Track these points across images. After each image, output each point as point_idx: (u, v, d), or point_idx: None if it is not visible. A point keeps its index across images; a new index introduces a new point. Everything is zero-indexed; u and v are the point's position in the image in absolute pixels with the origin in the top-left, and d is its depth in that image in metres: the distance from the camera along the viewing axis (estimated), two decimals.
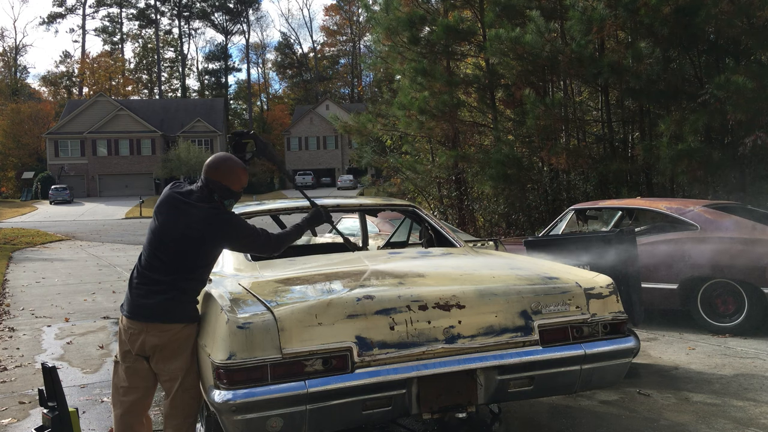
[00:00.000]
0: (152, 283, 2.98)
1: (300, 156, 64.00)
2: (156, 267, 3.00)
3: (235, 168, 3.11)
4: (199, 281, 3.08)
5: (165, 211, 3.04)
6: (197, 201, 3.02)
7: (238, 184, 3.11)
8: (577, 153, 11.80)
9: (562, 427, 3.98)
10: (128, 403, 3.08)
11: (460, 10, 13.93)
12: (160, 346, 2.98)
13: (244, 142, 3.34)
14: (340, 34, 79.94)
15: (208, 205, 3.01)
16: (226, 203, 3.09)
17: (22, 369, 5.93)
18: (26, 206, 46.98)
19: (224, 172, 3.08)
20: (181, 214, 2.99)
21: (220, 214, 3.01)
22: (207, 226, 2.96)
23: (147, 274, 3.01)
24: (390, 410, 2.96)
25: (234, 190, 3.10)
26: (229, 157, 3.15)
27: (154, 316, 2.96)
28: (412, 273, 3.52)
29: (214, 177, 3.07)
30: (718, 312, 6.31)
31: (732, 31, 9.77)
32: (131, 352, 3.04)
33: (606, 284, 3.37)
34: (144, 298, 2.99)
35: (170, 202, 3.05)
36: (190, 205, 3.00)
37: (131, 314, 3.01)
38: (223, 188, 3.07)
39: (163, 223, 3.02)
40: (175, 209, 3.02)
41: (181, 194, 3.05)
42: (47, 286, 11.46)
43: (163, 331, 2.96)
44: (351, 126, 16.30)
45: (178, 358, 3.00)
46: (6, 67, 74.21)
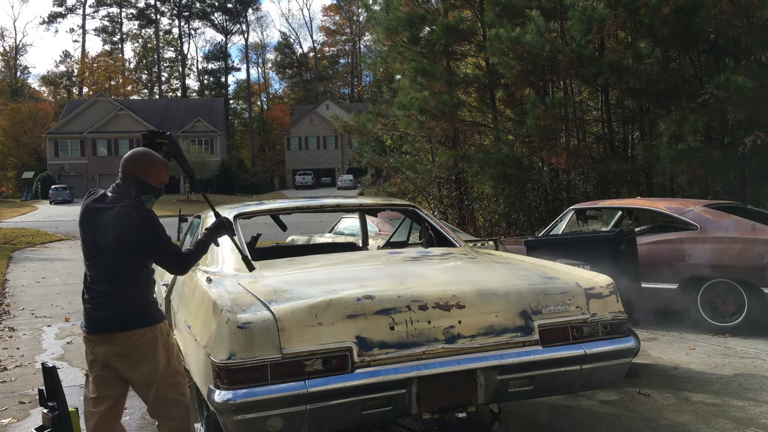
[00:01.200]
0: (100, 296, 2.94)
1: (300, 156, 63.99)
2: (97, 279, 2.95)
3: (154, 162, 3.02)
4: (144, 283, 3.00)
5: (84, 224, 2.98)
6: (110, 202, 2.93)
7: (157, 178, 3.01)
8: (577, 153, 11.80)
9: (562, 427, 3.98)
10: (99, 414, 3.02)
11: (460, 10, 13.93)
12: (124, 354, 2.92)
13: (158, 142, 3.23)
14: (339, 33, 79.94)
15: (122, 202, 2.91)
16: (143, 199, 3.00)
17: (22, 369, 5.93)
18: (26, 206, 46.98)
19: (142, 165, 3.00)
20: (99, 221, 2.91)
21: (136, 209, 2.90)
22: (122, 221, 2.85)
23: (93, 288, 2.96)
24: (390, 410, 2.96)
25: (152, 184, 3.00)
26: (148, 152, 3.06)
27: (110, 327, 2.91)
28: (412, 273, 3.53)
29: (131, 171, 2.99)
30: (718, 312, 6.31)
31: (732, 31, 9.77)
32: (97, 362, 2.99)
33: (606, 284, 3.37)
34: (97, 311, 2.94)
35: (86, 213, 2.98)
36: (103, 210, 2.92)
37: (89, 329, 2.98)
38: (140, 182, 2.98)
39: (86, 235, 2.97)
40: (92, 219, 2.95)
41: (95, 201, 2.98)
42: (47, 285, 11.46)
43: (123, 340, 2.91)
44: (351, 126, 16.30)
45: (146, 363, 2.94)
46: (6, 67, 74.23)
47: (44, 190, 52.36)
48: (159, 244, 2.91)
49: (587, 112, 13.75)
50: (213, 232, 3.20)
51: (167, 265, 3.02)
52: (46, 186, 52.70)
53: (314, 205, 4.72)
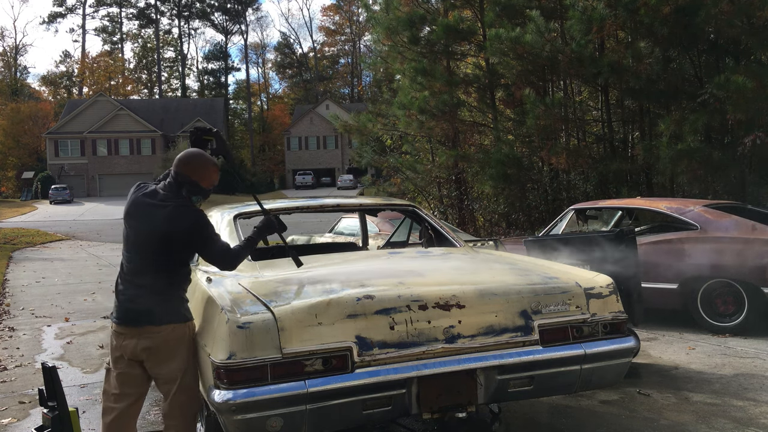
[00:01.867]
0: (135, 288, 2.98)
1: (300, 156, 63.99)
2: (135, 271, 2.99)
3: (207, 164, 3.07)
4: (180, 280, 3.05)
5: (133, 215, 3.02)
6: (162, 200, 2.98)
7: (208, 180, 3.07)
8: (577, 153, 11.80)
9: (562, 426, 3.98)
10: (118, 410, 3.04)
11: (460, 9, 13.93)
12: (153, 349, 2.96)
13: (205, 139, 3.27)
14: (339, 33, 79.93)
15: (174, 202, 2.97)
16: (194, 200, 3.04)
17: (22, 369, 5.93)
18: (26, 206, 46.98)
19: (195, 166, 3.04)
20: (149, 216, 2.96)
21: (186, 211, 2.96)
22: (171, 222, 2.91)
23: (129, 279, 3.00)
24: (390, 410, 2.96)
25: (203, 186, 3.06)
26: (201, 154, 3.11)
27: (143, 320, 2.95)
28: (412, 273, 3.53)
29: (184, 171, 3.03)
30: (718, 312, 6.31)
31: (732, 31, 9.76)
32: (123, 358, 3.02)
33: (606, 284, 3.37)
34: (131, 303, 2.98)
35: (136, 205, 3.02)
36: (155, 206, 2.97)
37: (120, 320, 3.01)
38: (192, 183, 3.02)
39: (133, 228, 3.00)
40: (141, 213, 2.99)
41: (146, 196, 3.03)
42: (47, 285, 11.46)
43: (154, 333, 2.95)
44: (351, 125, 16.31)
45: (173, 360, 2.98)
46: (6, 67, 74.21)
47: (44, 190, 52.35)
48: (210, 242, 3.01)
49: (587, 112, 13.75)
50: (262, 231, 3.32)
51: (217, 261, 3.10)
52: (46, 186, 52.68)
53: (314, 205, 4.72)
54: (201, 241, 3.00)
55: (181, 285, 3.06)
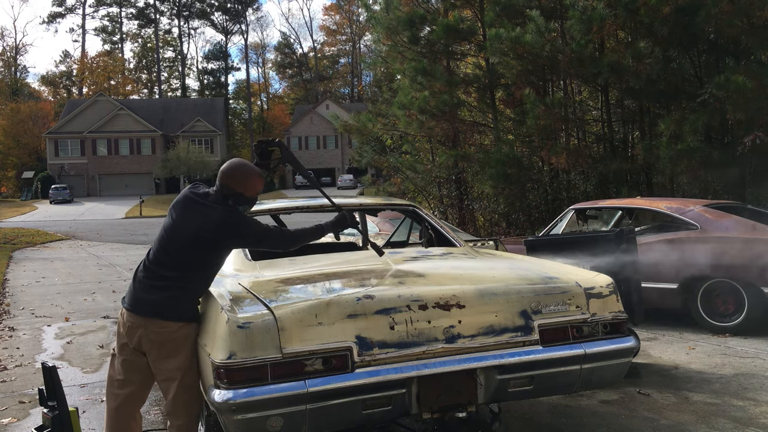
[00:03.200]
0: (157, 279, 2.99)
1: (300, 156, 63.70)
2: (164, 263, 3.01)
3: (250, 175, 3.11)
4: (203, 281, 3.09)
5: (180, 209, 3.06)
6: (212, 203, 3.04)
7: (252, 190, 3.11)
8: (577, 153, 11.80)
9: (562, 426, 3.98)
10: (123, 396, 3.07)
11: (460, 9, 13.94)
12: (157, 343, 2.97)
13: (269, 150, 3.36)
14: (339, 33, 79.95)
15: (223, 207, 3.02)
16: (240, 209, 3.10)
17: (22, 368, 5.93)
18: (26, 206, 46.98)
19: (238, 179, 3.08)
20: (196, 215, 3.01)
21: (233, 217, 3.01)
22: (219, 227, 2.97)
23: (153, 270, 3.02)
24: (390, 410, 2.96)
25: (248, 196, 3.11)
26: (244, 164, 3.16)
27: (153, 312, 2.96)
28: (412, 273, 3.53)
29: (228, 183, 3.07)
30: (718, 312, 6.31)
31: (732, 31, 9.76)
32: (128, 346, 3.04)
33: (606, 284, 3.37)
34: (146, 293, 2.99)
35: (186, 202, 3.07)
36: (205, 206, 3.02)
37: (132, 307, 3.02)
38: (237, 195, 3.07)
39: (177, 221, 3.04)
40: (190, 209, 3.04)
41: (197, 195, 3.08)
42: (47, 285, 11.46)
43: (161, 328, 2.96)
44: (351, 125, 16.31)
45: (175, 357, 2.99)
46: (6, 67, 74.21)
47: (44, 189, 52.37)
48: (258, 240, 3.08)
49: (587, 112, 13.75)
50: (336, 224, 3.38)
51: (275, 245, 3.18)
52: (46, 186, 52.71)
53: (314, 205, 4.72)
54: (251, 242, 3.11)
55: (201, 287, 3.09)
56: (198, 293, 3.09)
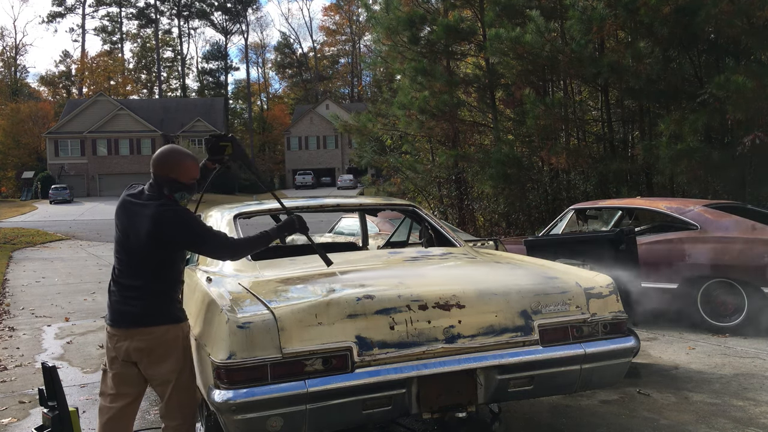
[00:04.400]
0: (126, 290, 2.95)
1: (300, 156, 64.00)
2: (126, 273, 2.97)
3: (181, 159, 3.01)
4: (171, 281, 3.01)
5: (120, 216, 3.00)
6: (147, 200, 2.95)
7: (186, 175, 3.00)
8: (577, 153, 11.81)
9: (562, 426, 3.98)
10: (114, 410, 3.02)
11: (460, 9, 13.95)
12: (146, 350, 2.93)
13: (221, 145, 3.25)
14: (339, 33, 79.91)
15: (157, 201, 2.93)
16: (177, 197, 3.00)
17: (22, 368, 5.93)
18: (26, 206, 46.97)
19: (170, 164, 2.99)
20: (134, 216, 2.94)
21: (169, 209, 2.91)
22: (155, 222, 2.87)
23: (121, 282, 2.98)
24: (390, 410, 2.96)
25: (182, 182, 2.99)
26: (174, 148, 3.06)
27: (135, 322, 2.93)
28: (412, 273, 3.53)
29: (159, 171, 2.99)
30: (718, 312, 6.31)
31: (732, 31, 9.77)
32: (118, 359, 3.00)
33: (606, 284, 3.37)
34: (122, 305, 2.96)
35: (123, 206, 3.01)
36: (140, 206, 2.94)
37: (113, 322, 2.99)
38: (170, 181, 2.98)
39: (120, 228, 2.98)
40: (127, 213, 2.97)
41: (132, 196, 3.01)
42: (47, 285, 11.46)
43: (147, 335, 2.92)
44: (351, 125, 16.32)
45: (167, 361, 2.95)
46: (6, 67, 74.20)
47: (44, 189, 52.34)
48: (198, 239, 2.96)
49: (587, 112, 13.76)
50: (283, 228, 3.23)
51: (215, 253, 3.07)
52: (46, 186, 52.68)
53: (314, 205, 4.72)
54: (190, 237, 2.94)
55: (172, 286, 3.02)
56: (173, 292, 3.03)
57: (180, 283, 3.08)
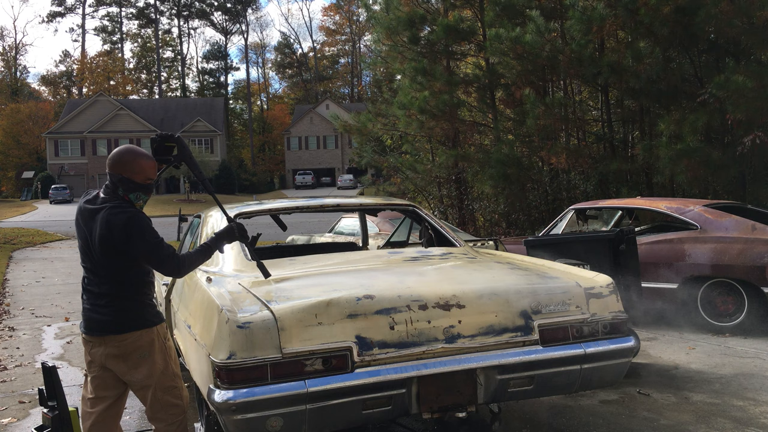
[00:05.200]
0: (95, 297, 2.92)
1: (300, 156, 64.01)
2: (93, 281, 2.94)
3: (136, 158, 2.94)
4: (138, 285, 2.94)
5: (78, 224, 2.97)
6: (101, 203, 2.89)
7: (142, 174, 2.93)
8: (577, 153, 11.81)
9: (562, 426, 3.98)
10: (96, 413, 3.00)
11: (460, 9, 13.95)
12: (121, 357, 2.91)
13: (167, 146, 3.19)
14: (339, 33, 79.91)
15: (111, 203, 2.86)
16: (132, 197, 2.94)
17: (22, 368, 5.93)
18: (26, 206, 46.97)
19: (124, 163, 2.92)
20: (89, 222, 2.89)
21: (122, 212, 2.83)
22: (108, 225, 2.81)
23: (89, 289, 2.95)
24: (390, 410, 2.96)
25: (137, 181, 2.92)
26: (130, 148, 3.00)
27: (107, 329, 2.90)
28: (412, 273, 3.53)
29: (114, 170, 2.93)
30: (718, 311, 6.31)
31: (732, 30, 9.77)
32: (95, 363, 2.99)
33: (606, 284, 3.37)
34: (93, 313, 2.93)
35: (82, 214, 2.96)
36: (94, 211, 2.89)
37: (87, 329, 2.97)
38: (125, 180, 2.91)
39: (82, 237, 2.95)
40: (84, 220, 2.93)
41: (87, 202, 2.96)
42: (47, 285, 11.46)
43: (120, 342, 2.89)
44: (351, 125, 16.32)
45: (143, 365, 2.92)
46: (6, 67, 74.21)
47: (44, 189, 52.36)
48: (145, 247, 2.81)
49: (587, 112, 13.76)
50: (221, 238, 3.12)
51: (158, 267, 2.89)
52: (46, 186, 52.70)
53: (314, 205, 4.72)
54: (136, 244, 2.80)
55: (139, 289, 2.94)
56: (143, 295, 2.97)
57: (148, 284, 3.01)
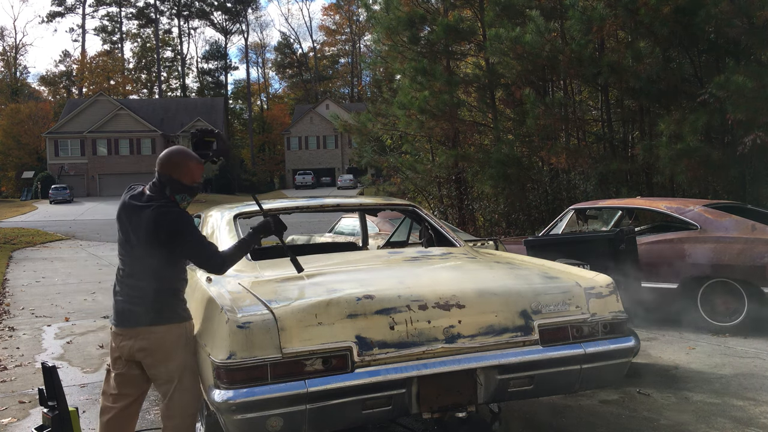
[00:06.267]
0: (132, 290, 2.98)
1: (300, 155, 63.99)
2: (129, 273, 3.00)
3: (186, 160, 3.02)
4: (175, 280, 3.03)
5: (122, 218, 3.02)
6: (147, 201, 2.97)
7: (190, 177, 3.01)
8: (577, 152, 11.81)
9: (562, 426, 3.98)
10: (116, 409, 3.04)
11: (460, 9, 13.95)
12: (149, 350, 2.95)
13: (206, 141, 3.25)
14: (339, 33, 79.89)
15: (158, 202, 2.94)
16: (178, 198, 3.01)
17: (22, 368, 5.93)
18: (26, 206, 46.96)
19: (174, 164, 3.00)
20: (134, 218, 2.96)
21: (169, 211, 2.92)
22: (155, 223, 2.89)
23: (126, 282, 3.01)
24: (390, 410, 2.96)
25: (185, 183, 3.00)
26: (181, 150, 3.07)
27: (139, 321, 2.95)
28: (412, 273, 3.52)
29: (164, 170, 3.00)
30: (718, 312, 6.31)
31: (732, 30, 9.77)
32: (122, 358, 3.03)
33: (606, 284, 3.37)
34: (126, 305, 2.98)
35: (124, 208, 3.02)
36: (141, 208, 2.95)
37: (118, 322, 3.01)
38: (173, 182, 2.99)
39: (122, 230, 3.01)
40: (128, 215, 2.99)
41: (133, 198, 3.02)
42: (47, 285, 11.46)
43: (151, 335, 2.94)
44: (351, 125, 16.33)
45: (170, 360, 2.97)
46: (6, 67, 74.19)
47: (44, 189, 52.32)
48: (191, 245, 2.95)
49: (587, 112, 13.76)
50: (258, 232, 3.20)
51: (203, 264, 3.04)
52: (46, 186, 52.66)
53: (314, 205, 4.72)
54: (182, 242, 2.93)
55: (174, 285, 3.03)
56: (178, 291, 3.05)
57: (183, 281, 3.09)
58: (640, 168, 11.43)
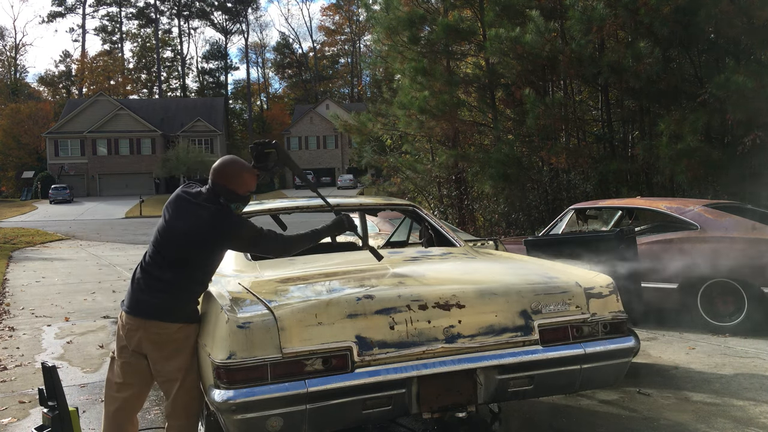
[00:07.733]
0: (154, 281, 2.98)
1: (300, 156, 63.93)
2: (159, 265, 2.99)
3: (240, 171, 3.07)
4: (199, 282, 3.06)
5: (173, 210, 3.04)
6: (204, 202, 3.01)
7: (244, 187, 3.07)
8: (577, 152, 11.81)
9: (561, 426, 3.98)
10: (121, 399, 3.06)
11: (460, 9, 13.93)
12: (157, 345, 2.96)
13: (266, 152, 3.31)
14: (339, 33, 79.90)
15: (215, 206, 2.99)
16: (233, 207, 3.05)
17: (22, 368, 5.93)
18: (26, 206, 46.98)
19: (229, 175, 3.05)
20: (188, 215, 2.98)
21: (226, 217, 2.98)
22: (211, 227, 2.94)
23: (149, 271, 3.00)
24: (390, 410, 2.96)
25: (239, 193, 3.05)
26: (236, 160, 3.12)
27: (152, 314, 2.95)
28: (412, 272, 3.53)
29: (219, 180, 3.04)
30: (718, 312, 6.31)
31: (732, 30, 9.78)
32: (128, 348, 3.03)
33: (606, 284, 3.37)
34: (144, 295, 2.98)
35: (178, 202, 3.05)
36: (197, 206, 2.99)
37: (131, 310, 3.00)
38: (228, 192, 3.03)
39: (170, 222, 3.02)
40: (182, 209, 3.01)
41: (189, 195, 3.05)
42: (47, 285, 11.46)
43: (160, 329, 2.95)
44: (351, 125, 16.31)
45: (175, 359, 2.98)
46: (6, 67, 74.18)
47: (44, 189, 52.34)
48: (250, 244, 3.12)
49: (587, 112, 13.76)
50: (333, 228, 3.34)
51: (269, 251, 3.21)
52: (46, 186, 52.67)
53: (314, 205, 4.72)
54: (245, 241, 3.07)
55: (199, 287, 3.07)
56: (196, 293, 3.08)
57: (203, 285, 3.10)
58: (640, 168, 11.42)
